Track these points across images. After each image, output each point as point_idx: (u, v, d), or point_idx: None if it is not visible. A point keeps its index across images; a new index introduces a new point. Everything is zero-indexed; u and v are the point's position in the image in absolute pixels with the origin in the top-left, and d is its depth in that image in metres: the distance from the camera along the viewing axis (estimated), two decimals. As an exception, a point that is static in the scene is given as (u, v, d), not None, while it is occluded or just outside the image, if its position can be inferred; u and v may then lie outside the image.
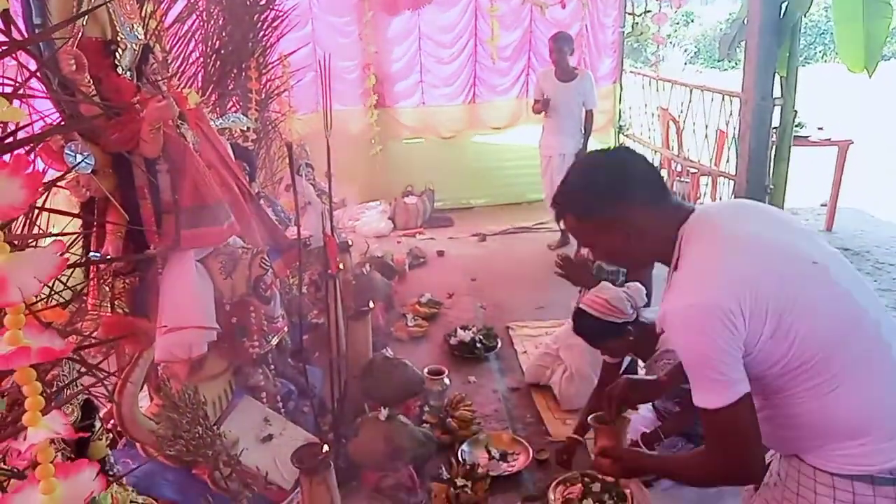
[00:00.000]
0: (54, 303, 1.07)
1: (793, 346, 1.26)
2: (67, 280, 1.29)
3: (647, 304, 2.61)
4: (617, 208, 1.42)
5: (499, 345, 3.77)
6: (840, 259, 1.40)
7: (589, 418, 1.92)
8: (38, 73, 1.22)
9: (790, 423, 1.35)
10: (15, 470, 0.91)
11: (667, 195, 1.45)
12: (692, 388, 1.33)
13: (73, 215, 1.30)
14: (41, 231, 1.47)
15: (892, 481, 1.28)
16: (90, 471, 0.62)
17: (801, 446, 1.37)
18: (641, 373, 2.63)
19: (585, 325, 2.49)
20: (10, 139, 0.88)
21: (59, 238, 0.61)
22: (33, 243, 1.09)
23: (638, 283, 2.56)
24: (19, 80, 1.04)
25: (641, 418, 2.74)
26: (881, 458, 1.28)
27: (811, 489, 1.34)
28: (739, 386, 1.27)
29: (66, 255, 0.59)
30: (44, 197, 1.19)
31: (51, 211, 0.96)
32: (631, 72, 6.87)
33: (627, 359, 2.69)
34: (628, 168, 1.47)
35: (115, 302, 2.32)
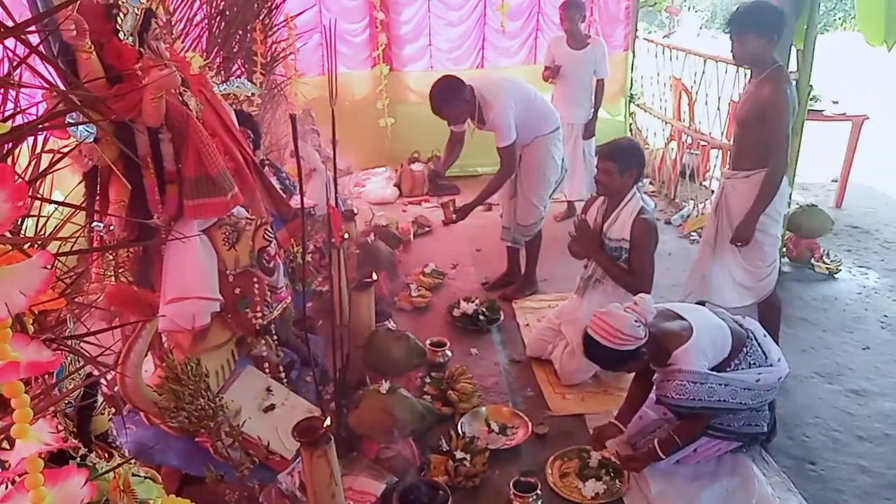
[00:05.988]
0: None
1: None
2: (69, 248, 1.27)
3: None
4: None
5: (501, 317, 3.78)
6: None
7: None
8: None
9: None
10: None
11: None
12: None
13: (66, 205, 1.28)
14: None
15: None
16: (79, 477, 0.61)
17: None
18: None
19: (600, 354, 2.43)
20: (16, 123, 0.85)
21: (46, 249, 0.59)
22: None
23: (643, 295, 2.50)
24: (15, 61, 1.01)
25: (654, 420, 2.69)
26: None
27: None
28: None
29: (54, 268, 0.58)
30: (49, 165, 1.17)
31: (43, 200, 0.94)
32: (645, 39, 6.70)
33: None
34: None
35: (119, 271, 2.33)
